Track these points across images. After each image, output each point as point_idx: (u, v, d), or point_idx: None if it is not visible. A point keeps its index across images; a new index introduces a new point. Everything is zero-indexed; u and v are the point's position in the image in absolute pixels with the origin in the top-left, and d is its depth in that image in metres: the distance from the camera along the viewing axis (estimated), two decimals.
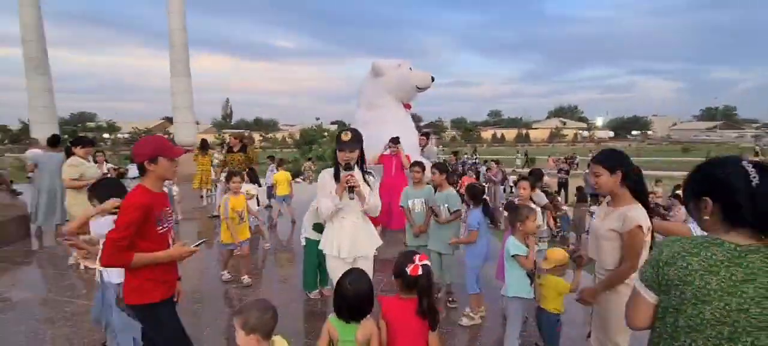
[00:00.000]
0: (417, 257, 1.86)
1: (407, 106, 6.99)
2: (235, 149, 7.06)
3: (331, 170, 2.69)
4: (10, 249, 5.58)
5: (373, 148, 6.05)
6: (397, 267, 1.88)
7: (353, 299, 1.78)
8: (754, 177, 1.13)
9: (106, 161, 7.96)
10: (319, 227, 3.50)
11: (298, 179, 14.88)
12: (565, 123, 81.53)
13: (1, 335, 3.36)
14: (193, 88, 13.92)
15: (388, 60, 6.77)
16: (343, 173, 2.54)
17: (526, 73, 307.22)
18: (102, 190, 2.68)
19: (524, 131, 75.07)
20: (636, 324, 1.30)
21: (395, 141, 5.58)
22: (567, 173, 13.48)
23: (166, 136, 14.29)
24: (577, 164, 22.89)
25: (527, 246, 2.72)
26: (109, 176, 7.26)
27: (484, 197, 3.48)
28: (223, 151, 8.19)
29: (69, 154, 4.97)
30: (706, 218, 1.21)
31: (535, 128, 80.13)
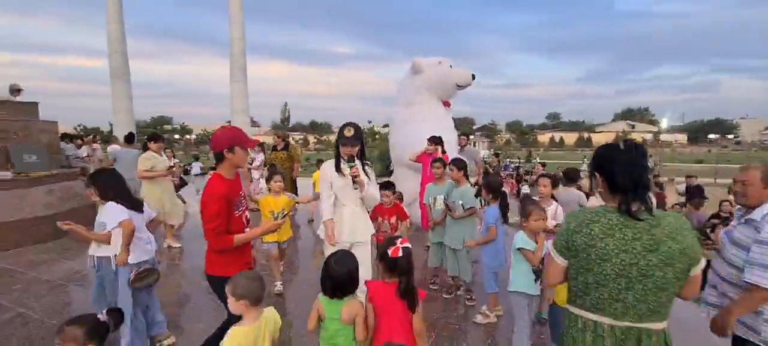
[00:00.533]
0: (399, 240, 1.90)
1: (446, 104, 6.93)
2: (279, 148, 7.41)
3: (333, 162, 2.85)
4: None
5: (411, 146, 6.09)
6: (380, 251, 1.94)
7: (338, 277, 1.87)
8: (622, 147, 1.46)
9: (173, 156, 8.80)
10: None
11: None
12: (633, 126, 75.26)
13: (78, 303, 3.86)
14: (256, 92, 15.08)
15: (428, 58, 6.79)
16: (343, 165, 2.73)
17: (590, 73, 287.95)
18: (101, 180, 2.85)
19: (586, 135, 70.51)
20: (551, 282, 1.60)
21: (434, 141, 5.45)
22: None
23: None
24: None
25: (536, 242, 2.64)
26: (174, 169, 8.05)
27: (503, 190, 3.38)
28: (258, 149, 8.53)
29: (146, 149, 5.58)
30: (600, 190, 1.50)
31: (599, 132, 74.88)
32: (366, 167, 2.87)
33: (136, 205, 2.88)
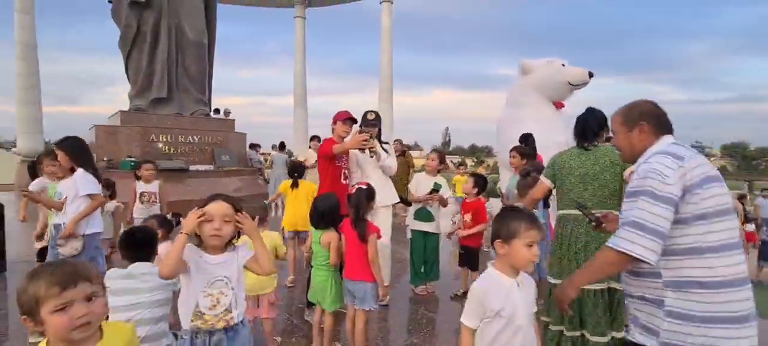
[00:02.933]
0: (362, 183, 2.28)
1: (559, 105, 6.49)
2: (396, 155, 8.24)
3: None
4: None
5: (510, 147, 5.97)
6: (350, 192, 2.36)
7: (320, 209, 2.38)
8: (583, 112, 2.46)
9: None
10: (420, 215, 3.76)
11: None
12: None
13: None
14: (419, 118, 16.99)
15: (538, 59, 6.58)
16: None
17: None
18: (71, 146, 2.88)
19: None
20: (536, 196, 2.49)
21: (522, 140, 5.15)
22: None
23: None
24: None
25: None
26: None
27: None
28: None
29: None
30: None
31: None
32: (384, 146, 3.42)
33: (99, 176, 2.96)
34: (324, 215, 2.38)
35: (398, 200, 3.44)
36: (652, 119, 1.49)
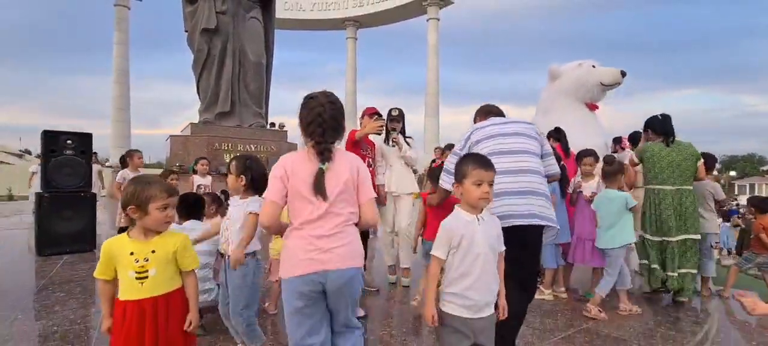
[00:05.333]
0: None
1: (593, 107, 6.45)
2: (437, 162, 8.54)
3: (382, 138, 3.74)
4: None
5: None
6: None
7: None
8: (658, 116, 3.57)
9: None
10: None
11: None
12: None
13: None
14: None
15: (567, 63, 6.61)
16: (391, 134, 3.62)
17: None
18: None
19: None
20: (632, 173, 3.73)
21: (554, 132, 4.90)
22: None
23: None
24: None
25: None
26: None
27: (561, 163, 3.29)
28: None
29: None
30: (652, 137, 3.59)
31: None
32: (407, 139, 3.77)
33: None
34: None
35: (418, 190, 3.76)
36: (482, 113, 2.53)
